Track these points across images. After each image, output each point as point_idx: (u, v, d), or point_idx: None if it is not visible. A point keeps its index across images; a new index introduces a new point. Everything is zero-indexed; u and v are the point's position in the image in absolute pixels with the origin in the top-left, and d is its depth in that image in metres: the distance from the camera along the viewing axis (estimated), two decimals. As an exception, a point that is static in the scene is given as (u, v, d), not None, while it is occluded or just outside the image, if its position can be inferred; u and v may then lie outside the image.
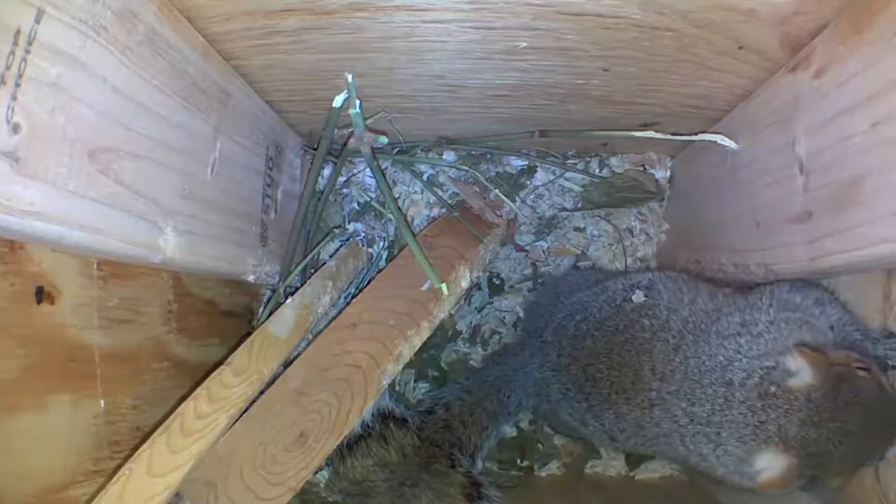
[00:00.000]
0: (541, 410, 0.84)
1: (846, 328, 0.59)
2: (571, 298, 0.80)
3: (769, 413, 0.55)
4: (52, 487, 0.51)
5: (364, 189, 0.93)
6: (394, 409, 0.77)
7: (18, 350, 0.47)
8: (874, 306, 0.56)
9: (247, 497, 0.62)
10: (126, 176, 0.47)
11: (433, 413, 0.79)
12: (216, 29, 0.57)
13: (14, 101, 0.37)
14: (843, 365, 0.54)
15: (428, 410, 0.80)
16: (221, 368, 0.62)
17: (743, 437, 0.57)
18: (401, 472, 0.74)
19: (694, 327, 0.64)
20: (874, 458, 0.55)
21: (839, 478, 0.60)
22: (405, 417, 0.77)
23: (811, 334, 0.58)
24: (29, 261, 0.47)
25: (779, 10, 0.52)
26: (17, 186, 0.38)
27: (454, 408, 0.79)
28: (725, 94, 0.69)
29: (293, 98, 0.74)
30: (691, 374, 0.61)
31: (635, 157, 0.95)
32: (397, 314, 0.72)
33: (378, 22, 0.56)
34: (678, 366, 0.63)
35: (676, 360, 0.63)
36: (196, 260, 0.60)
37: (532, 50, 0.61)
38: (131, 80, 0.47)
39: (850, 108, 0.50)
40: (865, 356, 0.55)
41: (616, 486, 0.88)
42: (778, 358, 0.56)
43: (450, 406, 0.80)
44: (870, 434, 0.53)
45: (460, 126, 0.86)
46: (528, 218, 0.94)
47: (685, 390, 0.61)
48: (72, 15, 0.41)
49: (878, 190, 0.47)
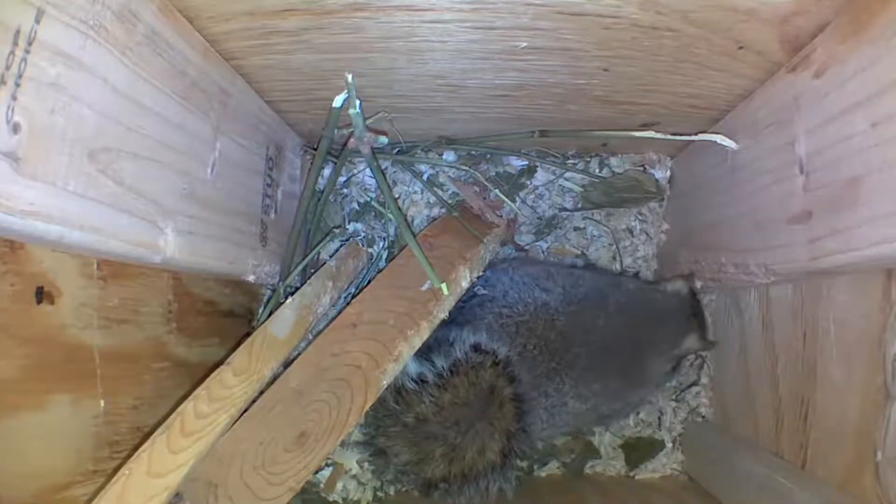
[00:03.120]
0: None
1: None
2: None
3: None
4: (52, 487, 0.51)
5: (364, 189, 0.93)
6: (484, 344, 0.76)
7: (18, 350, 0.47)
8: (874, 306, 0.56)
9: (247, 497, 0.62)
10: (126, 176, 0.47)
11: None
12: (216, 29, 0.57)
13: (14, 101, 0.37)
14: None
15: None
16: (221, 368, 0.62)
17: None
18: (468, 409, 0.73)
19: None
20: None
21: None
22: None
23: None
24: (29, 261, 0.47)
25: (779, 10, 0.52)
26: (17, 186, 0.38)
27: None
28: (725, 94, 0.69)
29: (293, 98, 0.74)
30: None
31: (635, 157, 0.95)
32: (397, 314, 0.72)
33: (378, 22, 0.56)
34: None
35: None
36: (196, 260, 0.60)
37: (532, 50, 0.61)
38: (131, 80, 0.47)
39: (850, 108, 0.50)
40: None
41: (616, 486, 0.88)
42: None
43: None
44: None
45: (460, 126, 0.86)
46: (528, 218, 0.94)
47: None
48: (72, 15, 0.41)
49: (878, 190, 0.47)
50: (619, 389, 0.82)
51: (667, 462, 0.91)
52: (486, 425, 0.73)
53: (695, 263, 0.82)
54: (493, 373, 0.73)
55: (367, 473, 0.86)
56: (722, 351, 0.88)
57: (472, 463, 0.73)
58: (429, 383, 0.72)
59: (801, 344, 0.66)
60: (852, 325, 0.59)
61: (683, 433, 0.92)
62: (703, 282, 0.81)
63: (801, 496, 0.62)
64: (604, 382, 0.79)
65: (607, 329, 0.79)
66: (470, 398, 0.73)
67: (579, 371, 0.78)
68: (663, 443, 0.92)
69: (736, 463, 0.77)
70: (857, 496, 0.58)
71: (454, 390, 0.72)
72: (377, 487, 0.86)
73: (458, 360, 0.72)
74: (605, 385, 0.79)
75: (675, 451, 0.92)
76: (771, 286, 0.71)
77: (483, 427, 0.73)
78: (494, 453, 0.73)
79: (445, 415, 0.72)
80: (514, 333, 0.77)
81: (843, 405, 0.60)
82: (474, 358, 0.73)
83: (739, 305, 0.81)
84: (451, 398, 0.72)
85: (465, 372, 0.72)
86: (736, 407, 0.83)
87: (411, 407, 0.72)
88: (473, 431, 0.73)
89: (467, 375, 0.72)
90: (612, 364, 0.79)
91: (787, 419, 0.69)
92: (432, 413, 0.72)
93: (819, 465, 0.64)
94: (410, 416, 0.73)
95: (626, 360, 0.80)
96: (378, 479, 0.86)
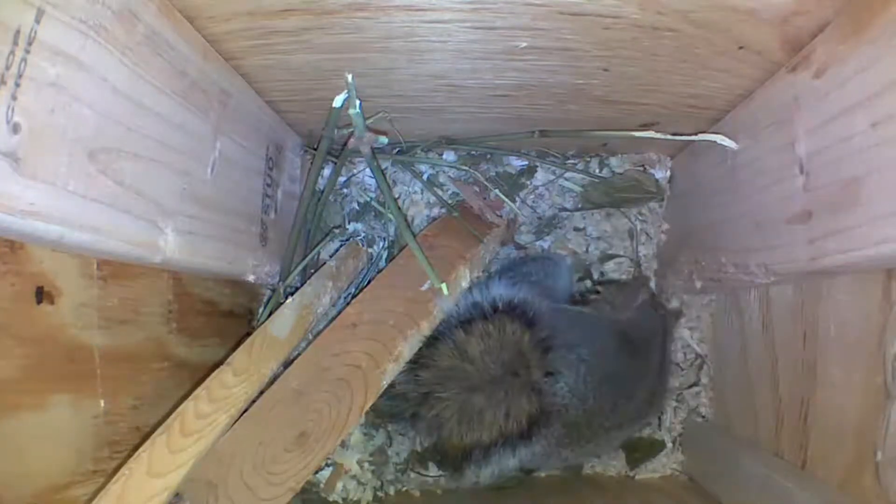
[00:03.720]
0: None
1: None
2: None
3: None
4: (52, 487, 0.51)
5: (364, 189, 0.93)
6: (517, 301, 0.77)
7: (18, 350, 0.47)
8: (874, 306, 0.56)
9: (247, 497, 0.62)
10: (126, 176, 0.48)
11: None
12: (216, 29, 0.57)
13: (14, 101, 0.37)
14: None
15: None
16: (221, 368, 0.62)
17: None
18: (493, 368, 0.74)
19: None
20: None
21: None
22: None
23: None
24: (29, 261, 0.47)
25: (779, 10, 0.52)
26: (17, 186, 0.38)
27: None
28: (725, 94, 0.69)
29: (293, 98, 0.74)
30: None
31: (635, 157, 0.95)
32: (397, 314, 0.72)
33: (378, 22, 0.56)
34: None
35: None
36: (196, 260, 0.60)
37: (532, 50, 0.61)
38: (131, 80, 0.47)
39: (850, 108, 0.50)
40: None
41: (616, 486, 0.88)
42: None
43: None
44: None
45: (460, 126, 0.86)
46: (528, 218, 0.94)
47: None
48: (72, 15, 0.41)
49: (878, 190, 0.47)
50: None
51: (667, 462, 0.91)
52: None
53: (695, 263, 0.82)
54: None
55: (368, 473, 0.86)
56: (722, 351, 0.88)
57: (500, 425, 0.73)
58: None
59: (801, 344, 0.66)
60: (852, 325, 0.59)
61: (683, 433, 0.92)
62: (703, 282, 0.81)
63: (801, 496, 0.62)
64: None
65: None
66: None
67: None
68: (663, 443, 0.92)
69: (736, 463, 0.77)
70: (857, 496, 0.58)
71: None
72: (377, 487, 0.86)
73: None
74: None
75: (675, 451, 0.92)
76: (771, 286, 0.71)
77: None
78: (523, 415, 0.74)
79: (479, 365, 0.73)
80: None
81: (843, 405, 0.60)
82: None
83: (739, 305, 0.81)
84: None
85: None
86: (736, 407, 0.83)
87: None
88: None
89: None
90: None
91: (787, 419, 0.69)
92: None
93: (819, 465, 0.64)
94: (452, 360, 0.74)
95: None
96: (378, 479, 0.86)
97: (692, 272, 0.83)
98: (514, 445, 0.73)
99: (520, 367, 0.74)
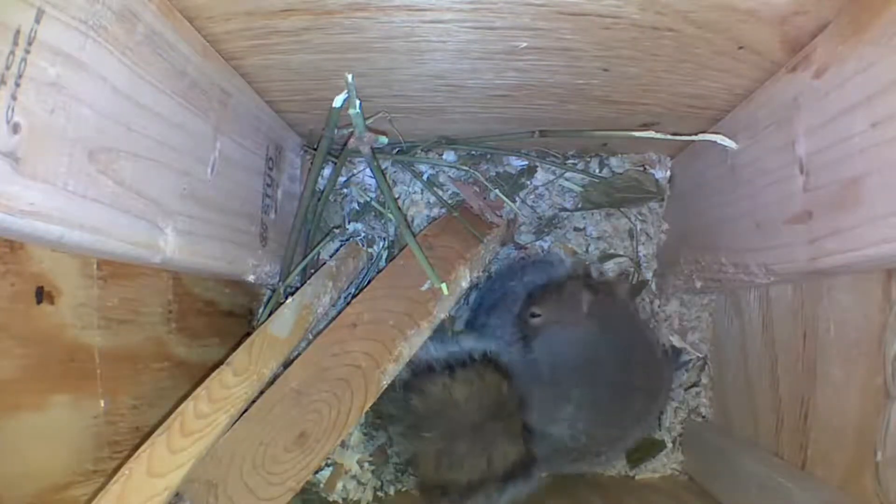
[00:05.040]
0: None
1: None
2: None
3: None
4: (52, 487, 0.51)
5: (364, 189, 0.93)
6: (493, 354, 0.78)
7: (18, 350, 0.47)
8: (874, 306, 0.56)
9: (247, 497, 0.62)
10: (126, 176, 0.48)
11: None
12: (216, 29, 0.57)
13: (14, 101, 0.37)
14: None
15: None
16: (221, 368, 0.62)
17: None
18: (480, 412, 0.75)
19: None
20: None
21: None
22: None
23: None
24: (29, 261, 0.47)
25: (779, 10, 0.52)
26: (17, 186, 0.38)
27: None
28: (725, 94, 0.69)
29: (293, 98, 0.74)
30: None
31: (635, 157, 0.95)
32: (397, 314, 0.72)
33: (378, 22, 0.56)
34: None
35: None
36: (196, 260, 0.60)
37: (532, 50, 0.61)
38: (131, 80, 0.47)
39: (850, 108, 0.50)
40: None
41: (616, 486, 0.88)
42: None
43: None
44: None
45: (460, 126, 0.86)
46: (528, 218, 0.94)
47: None
48: (72, 15, 0.41)
49: (878, 190, 0.47)
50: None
51: (667, 462, 0.91)
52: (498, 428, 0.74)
53: (695, 263, 0.82)
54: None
55: (367, 473, 0.86)
56: (722, 351, 0.88)
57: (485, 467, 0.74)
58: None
59: (801, 344, 0.66)
60: (852, 325, 0.59)
61: (683, 433, 0.92)
62: (703, 282, 0.81)
63: (801, 496, 0.62)
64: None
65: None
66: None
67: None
68: (663, 443, 0.92)
69: (736, 463, 0.77)
70: (857, 496, 0.58)
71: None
72: (377, 487, 0.86)
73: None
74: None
75: (675, 451, 0.92)
76: (771, 286, 0.72)
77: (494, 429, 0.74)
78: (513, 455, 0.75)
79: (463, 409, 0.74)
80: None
81: (843, 405, 0.60)
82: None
83: (739, 305, 0.81)
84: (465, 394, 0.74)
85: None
86: (736, 407, 0.83)
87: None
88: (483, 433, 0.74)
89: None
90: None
91: (787, 419, 0.69)
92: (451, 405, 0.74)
93: (819, 465, 0.64)
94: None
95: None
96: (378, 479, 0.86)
97: (692, 272, 0.83)
98: (502, 484, 0.75)
99: (503, 415, 0.75)
